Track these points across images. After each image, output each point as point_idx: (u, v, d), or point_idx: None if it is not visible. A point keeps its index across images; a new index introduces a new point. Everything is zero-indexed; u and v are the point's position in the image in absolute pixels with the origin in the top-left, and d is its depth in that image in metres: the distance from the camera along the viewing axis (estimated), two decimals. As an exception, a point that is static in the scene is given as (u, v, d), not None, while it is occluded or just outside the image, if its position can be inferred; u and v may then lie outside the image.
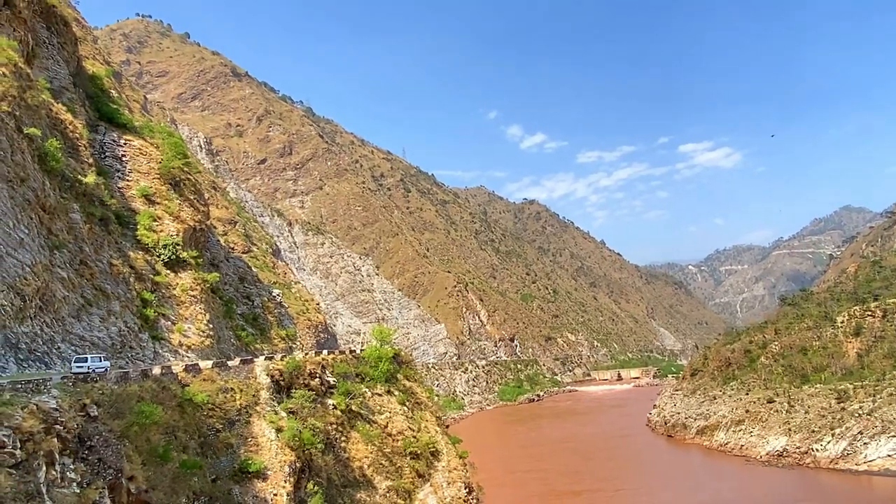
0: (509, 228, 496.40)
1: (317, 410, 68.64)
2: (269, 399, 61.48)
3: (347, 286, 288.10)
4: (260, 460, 52.82)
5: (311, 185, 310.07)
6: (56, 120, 67.92)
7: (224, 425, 53.25)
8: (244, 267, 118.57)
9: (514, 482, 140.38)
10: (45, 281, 52.86)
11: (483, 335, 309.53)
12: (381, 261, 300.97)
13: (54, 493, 27.71)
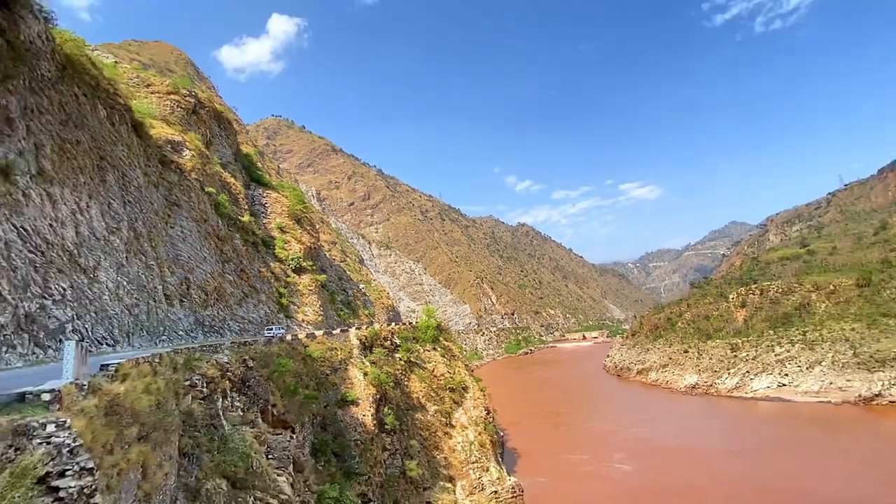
0: (509, 242, 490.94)
1: (389, 361, 68.73)
2: (359, 354, 61.86)
3: (406, 281, 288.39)
4: (354, 393, 53.10)
5: (381, 219, 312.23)
6: (224, 182, 69.95)
7: (331, 371, 53.74)
8: (341, 271, 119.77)
9: (517, 406, 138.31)
10: (220, 282, 54.24)
11: (494, 311, 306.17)
12: (427, 265, 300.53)
13: (227, 415, 28.28)
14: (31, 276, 25.69)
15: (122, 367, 15.71)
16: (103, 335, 31.32)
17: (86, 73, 42.24)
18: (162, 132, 58.61)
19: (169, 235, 48.61)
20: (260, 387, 33.25)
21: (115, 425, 13.58)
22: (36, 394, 9.30)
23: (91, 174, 36.57)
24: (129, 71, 70.28)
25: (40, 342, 24.72)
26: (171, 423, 19.25)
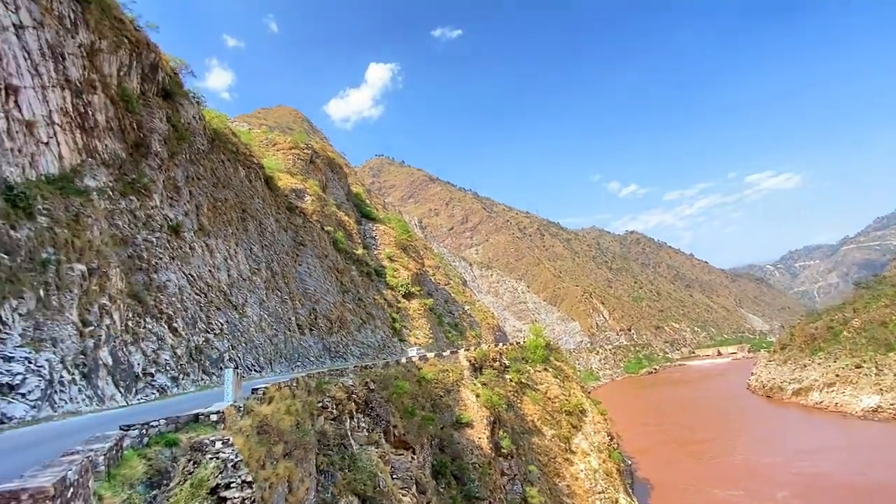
0: (617, 253, 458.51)
1: (499, 382, 67.96)
2: (470, 376, 62.17)
3: (510, 301, 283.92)
4: (468, 415, 53.20)
5: (480, 240, 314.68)
6: (340, 220, 77.17)
7: (444, 393, 54.66)
8: (446, 294, 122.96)
9: (645, 432, 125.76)
10: (341, 311, 59.17)
11: (607, 328, 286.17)
12: (530, 283, 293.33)
13: (354, 435, 30.21)
14: (198, 315, 30.73)
15: (269, 390, 17.81)
16: (252, 362, 36.03)
17: (229, 142, 50.59)
18: (287, 182, 67.27)
19: (297, 272, 54.81)
20: (381, 408, 35.08)
21: (266, 443, 15.36)
22: (206, 415, 11.01)
23: (236, 225, 43.11)
24: (259, 135, 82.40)
25: (206, 370, 29.28)
26: (309, 442, 21.18)
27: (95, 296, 21.05)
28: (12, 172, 20.24)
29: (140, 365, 22.95)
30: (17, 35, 22.26)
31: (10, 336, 16.33)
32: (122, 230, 26.07)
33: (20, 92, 21.89)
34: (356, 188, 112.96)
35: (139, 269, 26.34)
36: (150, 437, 9.53)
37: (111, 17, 30.03)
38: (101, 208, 24.77)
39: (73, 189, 23.06)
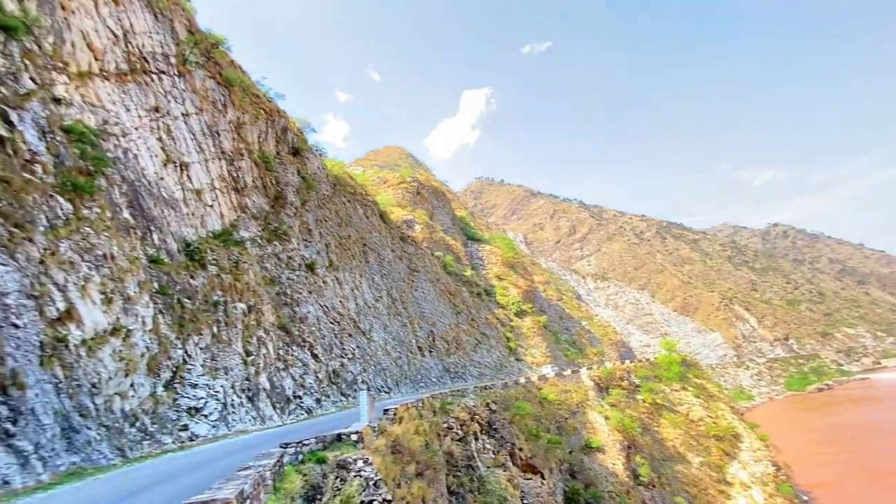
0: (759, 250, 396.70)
1: (630, 403, 62.33)
2: (595, 396, 58.21)
3: (632, 313, 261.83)
4: (598, 439, 49.60)
5: (592, 250, 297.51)
6: (448, 245, 79.80)
7: (569, 415, 51.87)
8: (560, 310, 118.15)
9: (821, 462, 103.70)
10: (457, 332, 60.36)
11: (756, 338, 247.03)
12: (654, 292, 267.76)
13: (481, 457, 30.02)
14: (334, 341, 33.83)
15: (398, 411, 18.67)
16: (381, 384, 38.36)
17: (347, 185, 56.06)
18: (398, 215, 72.06)
19: (414, 297, 57.63)
20: (505, 430, 34.44)
21: (399, 462, 16.00)
22: (347, 434, 11.90)
23: (359, 258, 47.09)
24: (371, 175, 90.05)
25: (343, 391, 31.90)
26: (438, 462, 21.58)
27: (254, 329, 24.49)
28: (189, 232, 24.88)
29: (290, 388, 25.89)
30: (184, 121, 27.73)
31: (194, 367, 19.72)
32: (270, 271, 30.19)
33: (190, 167, 27.05)
34: (460, 212, 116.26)
35: (285, 304, 30.09)
36: (304, 454, 10.57)
37: (250, 95, 35.84)
38: (254, 254, 29.05)
39: (232, 241, 27.46)
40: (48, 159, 15.68)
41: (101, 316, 15.10)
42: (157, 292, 19.06)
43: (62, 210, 15.18)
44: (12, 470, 10.28)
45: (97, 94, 21.08)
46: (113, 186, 19.01)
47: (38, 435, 11.28)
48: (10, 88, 15.41)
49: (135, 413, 15.33)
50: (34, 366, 11.99)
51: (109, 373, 14.71)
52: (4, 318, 11.57)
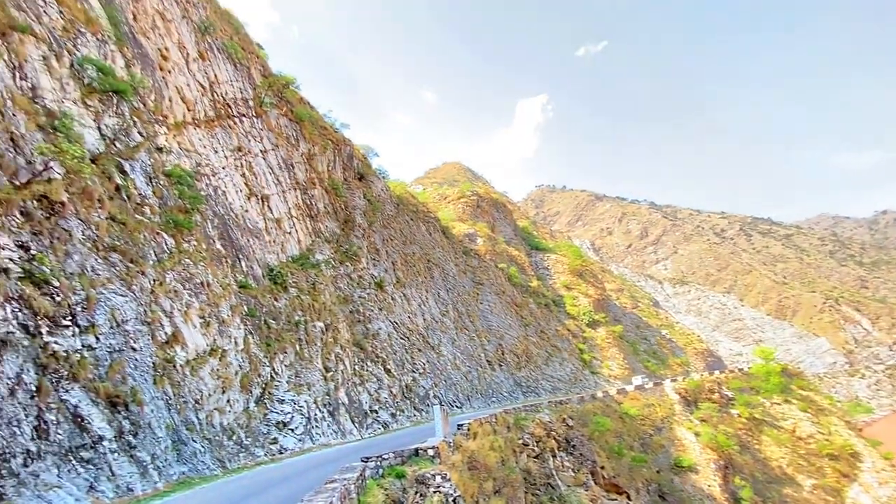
0: (867, 241, 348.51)
1: (723, 418, 56.61)
2: (682, 411, 53.69)
3: (719, 319, 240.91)
4: (688, 458, 45.56)
5: (667, 253, 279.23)
6: (511, 256, 78.89)
7: (654, 431, 48.29)
8: (636, 318, 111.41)
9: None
10: (526, 345, 59.06)
11: (871, 342, 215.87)
12: (742, 294, 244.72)
13: (560, 475, 28.79)
14: (405, 357, 34.55)
15: (472, 426, 18.51)
16: (452, 398, 38.38)
17: (410, 204, 57.76)
18: (460, 230, 72.73)
19: (480, 310, 57.42)
20: (584, 447, 32.82)
21: (476, 479, 15.79)
22: (424, 449, 12.00)
23: (425, 274, 47.99)
24: (432, 192, 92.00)
25: (416, 406, 32.33)
26: (516, 480, 21.01)
27: (331, 346, 25.73)
28: (271, 258, 26.91)
29: (367, 403, 26.73)
30: (263, 158, 30.29)
31: (281, 383, 21.08)
32: (343, 291, 31.71)
33: (270, 198, 29.40)
34: (522, 222, 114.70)
35: (358, 321, 31.36)
36: (384, 468, 10.80)
37: (318, 128, 38.43)
38: (328, 276, 30.71)
39: (309, 264, 29.27)
40: (154, 201, 17.86)
41: (200, 338, 16.71)
42: (247, 315, 20.72)
43: (167, 245, 17.14)
44: (134, 478, 11.56)
45: (191, 140, 23.75)
46: (206, 221, 21.14)
47: (154, 447, 12.60)
48: (122, 143, 17.86)
49: (231, 427, 16.64)
50: (149, 384, 13.49)
51: (209, 390, 16.15)
52: (125, 343, 13.20)
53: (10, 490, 8.83)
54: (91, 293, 12.52)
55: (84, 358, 11.61)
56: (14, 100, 13.14)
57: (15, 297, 10.38)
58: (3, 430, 9.15)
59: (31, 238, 11.60)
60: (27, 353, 10.35)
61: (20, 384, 9.85)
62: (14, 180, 11.93)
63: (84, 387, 11.34)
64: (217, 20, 31.06)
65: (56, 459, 10.02)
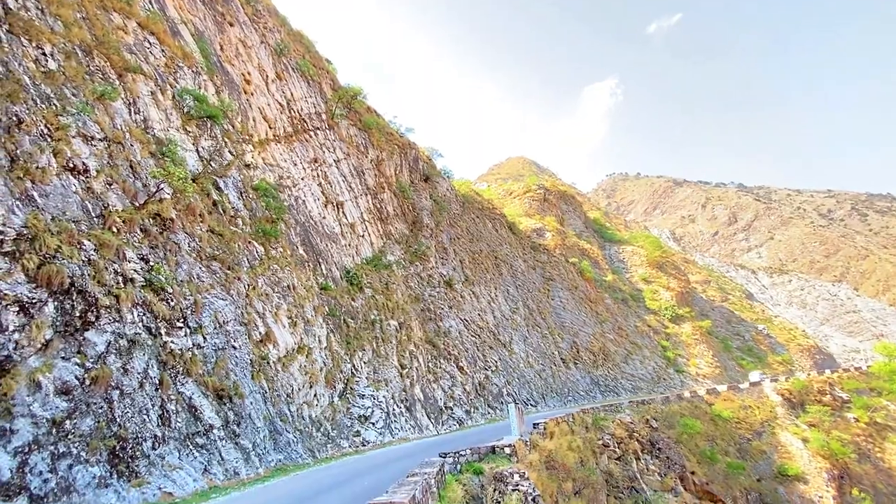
0: None
1: (837, 423, 49.89)
2: (786, 414, 48.23)
3: (828, 311, 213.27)
4: (795, 466, 40.86)
5: (762, 239, 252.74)
6: (582, 250, 75.99)
7: (752, 436, 43.96)
8: (727, 312, 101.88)
9: None
10: (602, 342, 56.61)
11: None
12: (857, 283, 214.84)
13: (645, 479, 27.28)
14: (476, 354, 34.74)
15: (548, 425, 18.16)
16: (526, 397, 37.89)
17: (475, 202, 57.87)
18: (527, 225, 71.41)
19: (551, 306, 56.00)
20: (671, 450, 30.75)
21: (555, 479, 15.47)
22: (501, 447, 12.01)
23: (492, 272, 47.84)
24: (497, 189, 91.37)
25: (490, 403, 32.37)
26: (596, 482, 20.25)
27: (405, 344, 26.61)
28: (347, 261, 28.42)
29: (442, 400, 27.28)
30: (336, 167, 32.03)
31: (361, 379, 22.21)
32: (414, 290, 32.63)
33: (344, 205, 31.03)
34: (592, 214, 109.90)
35: (429, 320, 32.09)
36: (461, 464, 10.98)
37: (385, 134, 39.86)
38: (400, 276, 31.78)
39: (382, 265, 30.50)
40: (245, 213, 19.66)
41: (289, 337, 18.12)
42: (328, 314, 22.10)
43: (257, 252, 18.80)
44: (239, 464, 12.86)
45: (273, 155, 25.81)
46: (290, 229, 22.85)
47: (255, 435, 13.92)
48: (217, 162, 19.87)
49: (319, 419, 17.87)
50: (248, 379, 14.92)
51: (299, 385, 17.47)
52: (227, 342, 14.71)
53: (142, 469, 10.26)
54: (198, 298, 14.11)
55: (195, 356, 13.13)
56: (131, 132, 15.19)
57: (140, 302, 12.02)
58: (136, 418, 10.65)
59: (149, 251, 13.34)
60: (151, 351, 11.94)
61: (147, 378, 11.40)
62: (134, 202, 13.80)
63: (196, 381, 12.82)
64: (290, 41, 33.42)
65: (177, 444, 11.46)
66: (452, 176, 59.23)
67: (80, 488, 8.81)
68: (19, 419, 8.35)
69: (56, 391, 9.16)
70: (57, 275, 9.94)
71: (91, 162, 12.82)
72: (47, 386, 9.03)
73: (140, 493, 9.84)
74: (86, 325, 10.34)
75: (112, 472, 9.58)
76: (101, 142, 13.62)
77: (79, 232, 11.26)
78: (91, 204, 12.22)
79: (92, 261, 11.08)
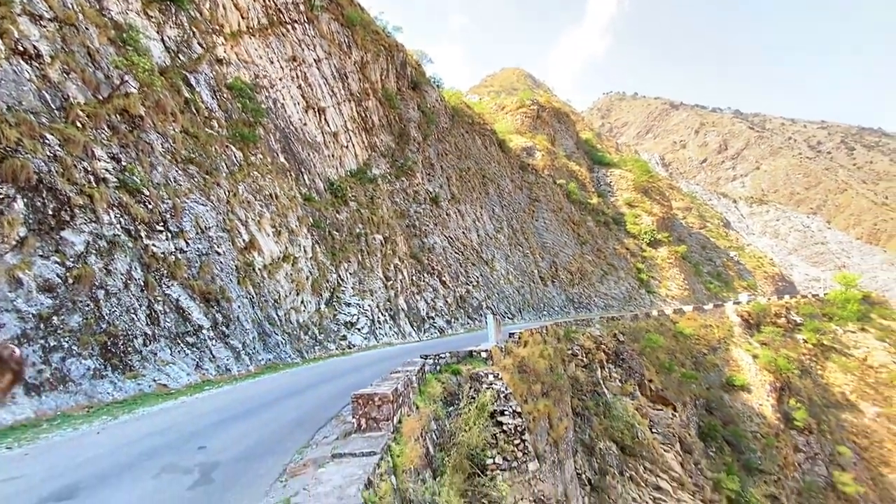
0: None
1: (787, 343, 54.75)
2: (742, 333, 52.44)
3: (798, 242, 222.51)
4: (742, 378, 45.43)
5: (748, 169, 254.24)
6: (571, 171, 75.29)
7: (709, 351, 48.04)
8: (703, 238, 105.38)
9: None
10: (581, 263, 58.60)
11: None
12: (830, 216, 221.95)
13: (607, 384, 30.02)
14: (459, 270, 35.73)
15: (523, 335, 19.38)
16: (504, 311, 39.90)
17: (465, 115, 55.41)
18: (517, 143, 69.50)
19: (535, 227, 56.81)
20: (633, 360, 33.59)
21: (526, 381, 16.88)
22: (478, 352, 12.87)
23: (479, 190, 47.47)
24: (489, 102, 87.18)
25: (470, 315, 34.09)
26: (563, 385, 22.23)
27: (390, 258, 27.07)
28: (331, 172, 27.64)
29: (424, 310, 28.54)
30: (317, 67, 29.72)
31: (346, 288, 22.84)
32: (399, 205, 32.41)
33: (326, 111, 29.36)
34: (585, 134, 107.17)
35: (414, 236, 32.37)
36: (441, 365, 11.82)
37: (370, 32, 36.54)
38: (385, 190, 31.31)
39: (366, 178, 29.83)
40: (220, 115, 18.49)
41: (274, 246, 18.16)
42: (313, 226, 22.00)
43: (236, 158, 18.04)
44: (230, 361, 13.56)
45: (247, 50, 23.65)
46: (269, 134, 21.76)
47: (244, 336, 14.52)
48: (185, 55, 18.17)
49: (306, 324, 18.64)
50: (234, 284, 15.17)
51: (285, 291, 17.90)
52: (210, 248, 14.67)
53: (136, 363, 10.74)
54: (177, 202, 13.75)
55: (178, 259, 13.14)
56: (84, 12, 13.53)
57: (115, 204, 11.66)
58: (125, 317, 10.89)
59: (119, 150, 12.64)
60: (132, 253, 11.86)
61: (131, 279, 11.46)
62: (97, 95, 12.75)
63: (182, 284, 12.98)
64: (261, -89, 28.91)
65: (168, 342, 11.91)
66: (442, 85, 55.90)
67: (76, 379, 9.24)
68: (4, 314, 8.45)
69: (39, 288, 9.18)
70: (22, 170, 9.44)
71: (43, 46, 11.56)
72: (29, 283, 9.02)
73: (136, 384, 10.41)
74: (61, 224, 10.09)
75: (106, 364, 10.01)
76: (52, 22, 12.17)
77: (39, 125, 10.49)
78: (49, 94, 11.25)
79: (58, 157, 10.49)
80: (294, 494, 4.34)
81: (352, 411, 6.25)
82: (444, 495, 6.73)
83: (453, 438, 8.82)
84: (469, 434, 8.97)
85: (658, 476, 28.65)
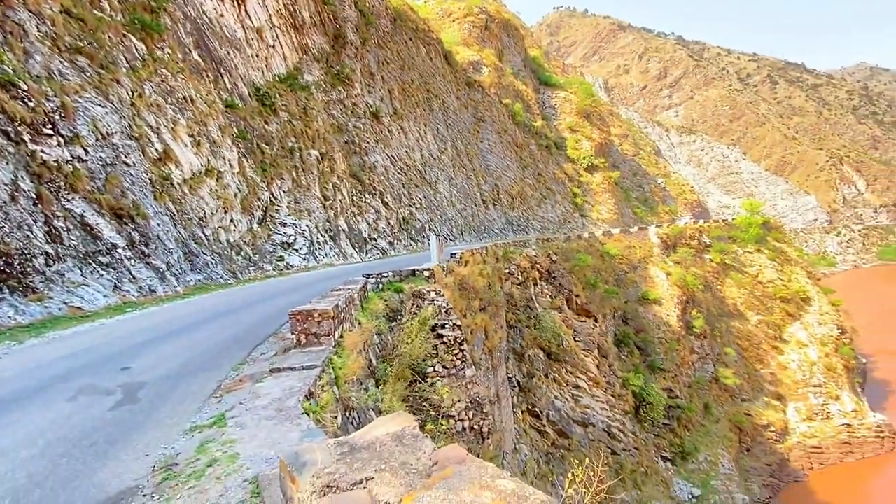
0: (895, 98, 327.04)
1: (696, 262, 61.52)
2: (660, 254, 57.79)
3: (716, 171, 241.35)
4: (655, 293, 50.91)
5: (683, 98, 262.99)
6: (517, 91, 73.49)
7: (630, 269, 52.72)
8: (635, 165, 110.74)
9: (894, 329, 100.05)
10: (521, 187, 59.69)
11: (859, 203, 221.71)
12: (747, 148, 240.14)
13: (538, 300, 32.31)
14: (402, 191, 34.99)
15: (464, 255, 19.87)
16: (447, 232, 40.42)
17: (409, 20, 50.73)
18: (464, 56, 65.69)
19: (479, 149, 56.12)
20: (563, 278, 36.18)
21: (466, 297, 17.64)
22: (420, 271, 13.03)
23: (423, 106, 45.20)
24: (435, 7, 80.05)
25: (413, 237, 34.18)
26: (499, 301, 23.60)
27: (328, 176, 25.69)
28: (256, 76, 24.68)
29: (366, 231, 28.09)
30: (236, -54, 25.06)
31: (281, 207, 21.64)
32: (337, 119, 30.16)
33: (247, 1, 25.40)
34: (533, 51, 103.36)
35: (354, 153, 30.71)
36: (383, 284, 11.87)
37: None
38: (320, 100, 28.77)
39: (298, 85, 27.05)
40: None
41: (193, 158, 16.38)
42: (238, 137, 19.98)
43: (137, 50, 15.36)
44: (154, 282, 12.67)
45: (139, -89, 19.18)
46: (177, 25, 18.59)
47: (167, 256, 13.49)
48: None
49: (238, 244, 17.66)
50: (150, 200, 13.71)
51: (211, 209, 16.57)
52: (115, 157, 12.91)
53: (39, 285, 9.67)
54: (66, 100, 11.66)
55: (77, 169, 11.47)
56: None
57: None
58: (17, 233, 9.55)
59: (-23, 29, 10.20)
60: (16, 160, 10.12)
61: (19, 191, 9.90)
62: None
63: (85, 198, 11.48)
64: None
65: (76, 262, 10.76)
66: (383, -17, 49.97)
67: (-34, 301, 8.18)
68: None
69: None
70: None
71: None
72: None
73: (43, 308, 9.47)
74: None
75: (1, 286, 8.92)
76: None
77: None
78: None
79: None
80: (230, 409, 4.27)
81: (290, 328, 6.13)
82: (386, 401, 7.08)
83: (396, 351, 9.13)
84: (411, 346, 9.32)
85: (578, 377, 32.48)
